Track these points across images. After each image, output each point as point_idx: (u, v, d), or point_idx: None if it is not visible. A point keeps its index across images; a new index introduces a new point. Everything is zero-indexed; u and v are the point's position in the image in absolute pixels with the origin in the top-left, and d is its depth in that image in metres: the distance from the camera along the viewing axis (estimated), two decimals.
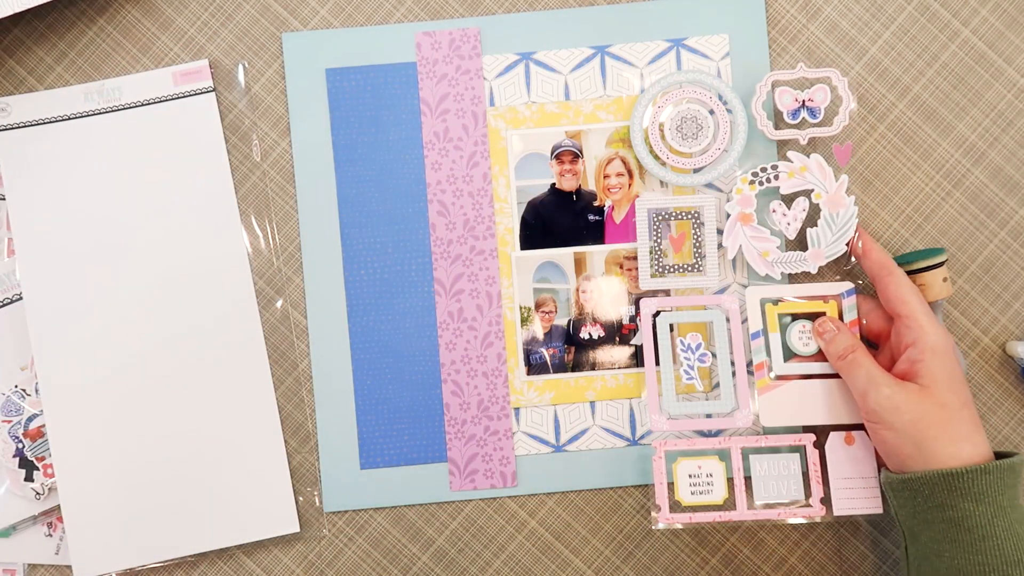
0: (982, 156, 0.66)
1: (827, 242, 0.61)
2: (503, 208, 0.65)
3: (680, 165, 0.63)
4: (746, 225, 0.61)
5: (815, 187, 0.61)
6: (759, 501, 0.62)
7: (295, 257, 0.66)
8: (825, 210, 0.61)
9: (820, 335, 0.61)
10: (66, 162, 0.65)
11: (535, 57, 0.66)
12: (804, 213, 0.62)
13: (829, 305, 0.61)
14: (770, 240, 0.62)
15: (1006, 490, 0.53)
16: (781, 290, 0.62)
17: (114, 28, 0.66)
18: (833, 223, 0.61)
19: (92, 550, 0.63)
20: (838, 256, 0.62)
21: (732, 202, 0.62)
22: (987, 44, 0.66)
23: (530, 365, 0.65)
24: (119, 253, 0.65)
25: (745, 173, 0.62)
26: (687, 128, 0.62)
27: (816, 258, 0.61)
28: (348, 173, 0.66)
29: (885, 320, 0.61)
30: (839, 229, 0.61)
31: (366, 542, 0.65)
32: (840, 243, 0.61)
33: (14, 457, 0.64)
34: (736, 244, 0.62)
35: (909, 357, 0.57)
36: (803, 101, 0.62)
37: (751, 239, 0.62)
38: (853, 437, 0.62)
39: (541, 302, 0.65)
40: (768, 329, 0.62)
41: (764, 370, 0.62)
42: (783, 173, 0.61)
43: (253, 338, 0.65)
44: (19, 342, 0.64)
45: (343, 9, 0.66)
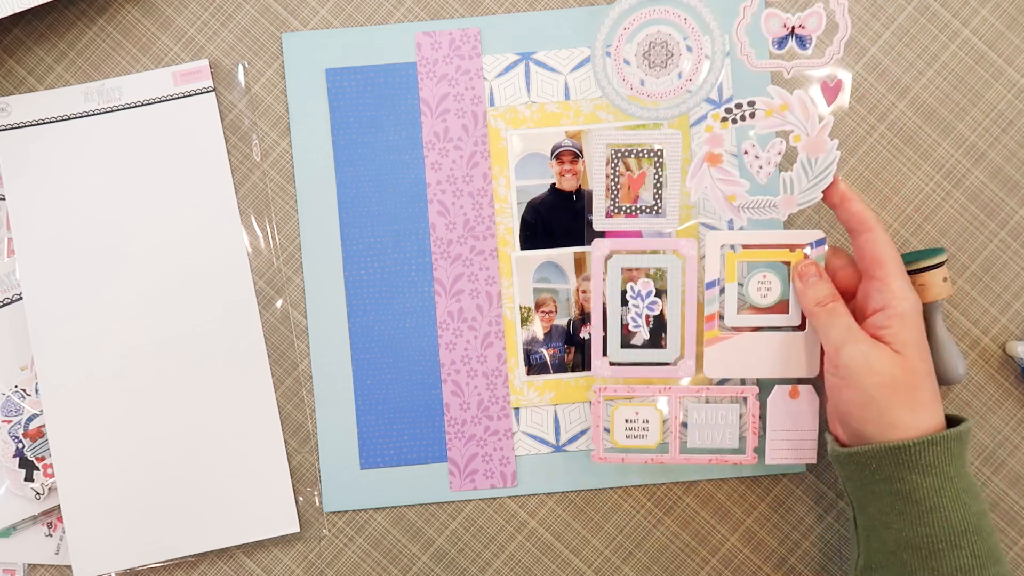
0: (982, 156, 0.66)
1: (801, 189, 0.55)
2: (503, 208, 0.65)
3: (644, 97, 0.56)
4: (714, 166, 0.56)
5: (795, 128, 0.55)
6: (693, 446, 0.61)
7: (295, 257, 0.66)
8: (803, 154, 0.55)
9: (801, 277, 0.57)
10: (66, 162, 0.65)
11: (535, 57, 0.66)
12: (779, 156, 0.56)
13: (795, 255, 0.57)
14: (739, 183, 0.56)
15: (953, 460, 0.52)
16: (743, 236, 0.58)
17: (114, 28, 0.66)
18: (810, 168, 0.55)
19: (92, 550, 0.63)
20: (811, 204, 0.57)
21: (700, 140, 0.56)
22: (987, 44, 0.66)
23: (530, 365, 0.65)
24: (119, 253, 0.65)
25: (717, 109, 0.56)
26: (655, 55, 0.55)
27: (787, 205, 0.56)
28: (348, 173, 0.66)
29: (855, 277, 0.58)
30: (816, 175, 0.55)
31: (366, 542, 0.65)
32: (816, 190, 0.56)
33: (14, 457, 0.64)
34: (701, 186, 0.57)
35: (877, 322, 0.54)
36: (792, 27, 0.54)
37: (718, 181, 0.56)
38: (798, 391, 0.59)
39: (541, 302, 0.65)
40: (725, 278, 0.58)
41: (715, 321, 0.58)
42: (760, 111, 0.55)
43: (253, 338, 0.65)
44: (19, 342, 0.64)
45: (343, 9, 0.66)
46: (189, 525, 0.64)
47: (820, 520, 0.66)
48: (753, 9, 0.54)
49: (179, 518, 0.64)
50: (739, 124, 0.55)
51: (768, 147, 0.56)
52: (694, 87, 0.56)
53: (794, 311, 0.58)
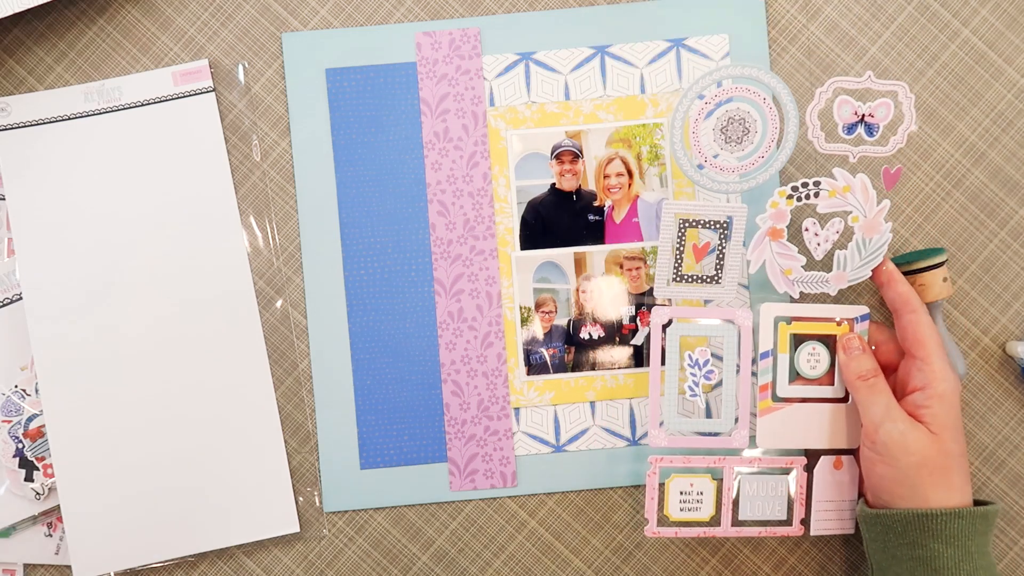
0: (982, 156, 0.66)
1: (853, 266, 0.58)
2: (503, 208, 0.65)
3: (715, 169, 0.58)
4: (775, 241, 0.58)
5: (854, 210, 0.58)
6: (744, 518, 0.62)
7: (295, 257, 0.66)
8: (859, 234, 0.58)
9: (845, 350, 0.59)
10: (66, 162, 0.65)
11: (535, 57, 0.66)
12: (837, 235, 0.59)
13: (841, 328, 0.60)
14: (796, 258, 0.59)
15: (976, 536, 0.54)
16: (794, 309, 0.60)
17: (114, 28, 0.66)
18: (864, 248, 0.58)
19: (92, 550, 0.63)
20: (860, 281, 0.59)
21: (765, 215, 0.58)
22: (987, 44, 0.66)
23: (530, 365, 0.65)
24: (119, 253, 0.65)
25: (785, 187, 0.58)
26: (732, 131, 0.57)
27: (839, 281, 0.59)
28: (348, 173, 0.66)
29: (896, 353, 0.60)
30: (868, 255, 0.58)
31: (366, 542, 0.65)
32: (866, 269, 0.58)
33: (14, 457, 0.64)
34: (761, 259, 0.59)
35: (917, 400, 0.56)
36: (863, 115, 0.57)
37: (777, 255, 0.58)
38: (842, 462, 0.61)
39: (541, 302, 0.65)
40: (778, 349, 0.60)
41: (768, 391, 0.60)
42: (825, 191, 0.57)
43: (253, 338, 0.65)
44: (19, 342, 0.64)
45: (343, 9, 0.66)
46: (189, 525, 0.64)
47: None
48: (828, 94, 0.57)
49: (179, 518, 0.64)
50: (803, 202, 0.58)
51: (828, 226, 0.59)
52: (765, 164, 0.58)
53: (839, 383, 0.60)
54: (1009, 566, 0.66)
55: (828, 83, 0.57)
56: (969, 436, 0.66)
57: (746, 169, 0.58)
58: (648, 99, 0.65)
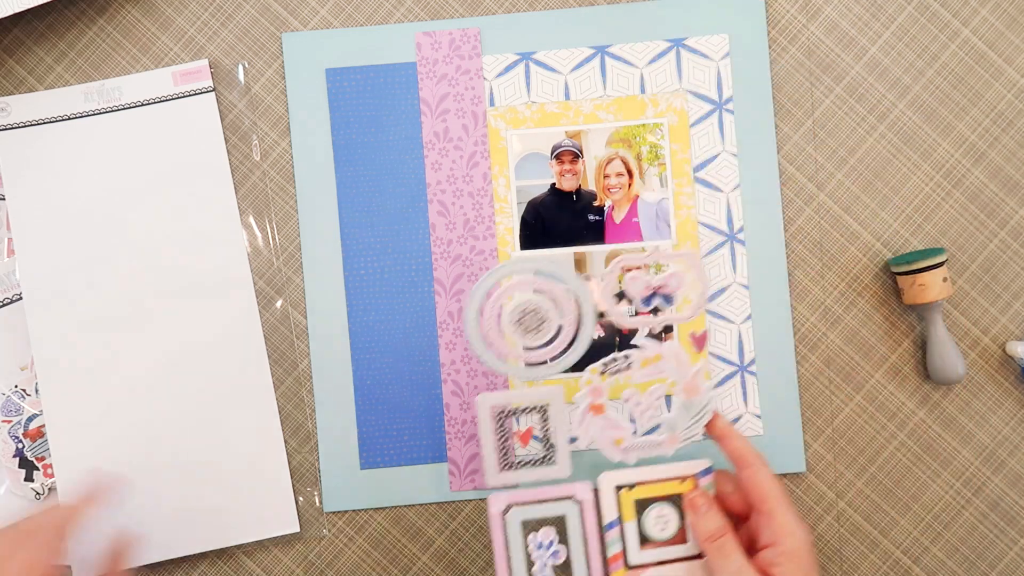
0: (982, 156, 0.66)
1: (683, 427, 0.58)
2: (503, 208, 0.65)
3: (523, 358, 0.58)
4: (598, 415, 0.58)
5: (670, 376, 0.58)
6: None
7: (295, 257, 0.66)
8: (681, 397, 0.58)
9: (692, 508, 0.57)
10: (66, 162, 0.65)
11: (535, 57, 0.66)
12: (659, 401, 0.58)
13: (686, 485, 0.58)
14: (623, 428, 0.58)
15: None
16: (635, 473, 0.59)
17: (114, 28, 0.66)
18: (689, 409, 0.58)
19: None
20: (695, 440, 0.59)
21: (582, 393, 0.58)
22: (987, 44, 0.66)
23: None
24: (119, 253, 0.65)
25: (596, 364, 0.57)
26: (529, 321, 0.57)
27: (672, 443, 0.58)
28: (348, 173, 0.66)
29: (745, 503, 0.57)
30: (695, 415, 0.58)
31: (366, 542, 0.65)
32: (697, 428, 0.58)
33: (14, 457, 0.64)
34: (589, 435, 0.58)
35: (767, 558, 0.54)
36: (656, 288, 0.58)
37: (604, 428, 0.58)
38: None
39: None
40: (624, 517, 0.58)
41: (619, 561, 0.58)
42: (636, 362, 0.58)
43: (253, 338, 0.65)
44: (19, 342, 0.64)
45: (343, 9, 0.66)
46: (189, 525, 0.64)
47: (820, 520, 0.66)
48: (616, 272, 0.57)
49: (179, 518, 0.64)
50: (617, 375, 0.58)
51: (648, 393, 0.59)
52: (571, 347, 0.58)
53: (692, 540, 0.58)
54: (1009, 566, 0.66)
55: (613, 263, 0.57)
56: (969, 436, 0.66)
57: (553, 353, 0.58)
58: (648, 99, 0.65)
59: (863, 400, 0.66)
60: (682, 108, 0.65)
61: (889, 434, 0.66)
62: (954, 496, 0.66)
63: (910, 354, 0.66)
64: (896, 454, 0.66)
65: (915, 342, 0.66)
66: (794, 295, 0.66)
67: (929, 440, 0.66)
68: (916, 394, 0.66)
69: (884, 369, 0.66)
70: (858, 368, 0.66)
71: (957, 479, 0.66)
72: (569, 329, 0.57)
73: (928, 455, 0.66)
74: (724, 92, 0.65)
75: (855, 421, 0.66)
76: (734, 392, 0.65)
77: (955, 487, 0.66)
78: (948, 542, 0.66)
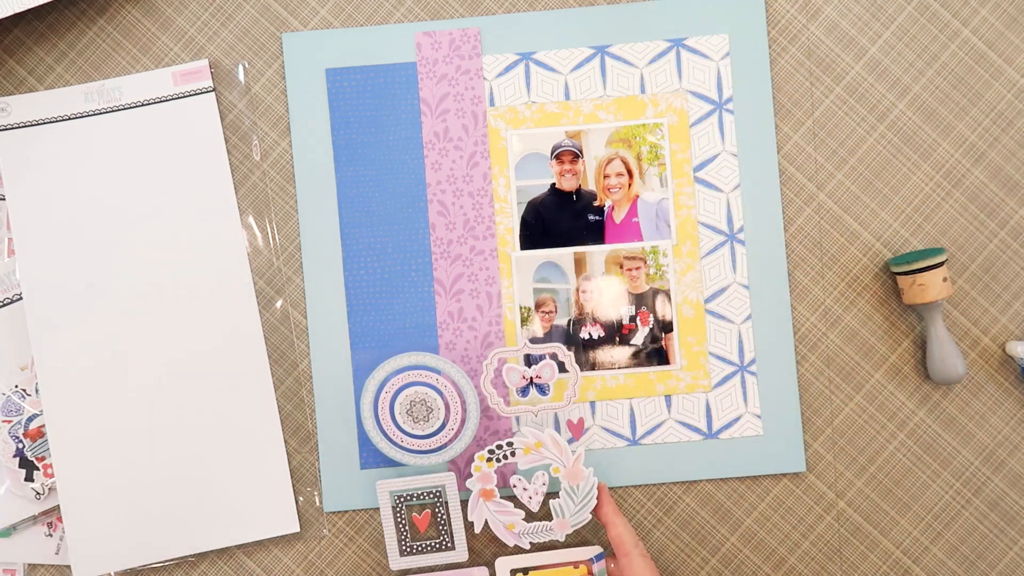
0: (982, 156, 0.66)
1: (571, 512, 0.61)
2: (503, 208, 0.65)
3: (415, 446, 0.62)
4: (489, 500, 0.61)
5: (553, 461, 0.61)
6: None
7: (295, 257, 0.66)
8: (565, 483, 0.61)
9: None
10: (66, 162, 0.65)
11: (535, 57, 0.66)
12: (545, 487, 0.61)
13: (580, 570, 0.61)
14: (514, 513, 0.61)
15: None
16: (530, 558, 0.62)
17: (114, 28, 0.66)
18: (575, 494, 0.61)
19: (92, 550, 0.63)
20: (584, 524, 0.62)
21: (473, 479, 0.61)
22: (987, 44, 0.66)
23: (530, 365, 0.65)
24: (119, 253, 0.65)
25: (483, 451, 0.61)
26: (417, 411, 0.61)
27: (562, 527, 0.61)
28: (348, 173, 0.66)
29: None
30: (581, 500, 0.61)
31: (366, 542, 0.65)
32: (584, 512, 0.61)
33: (14, 457, 0.64)
34: (482, 519, 0.61)
35: None
36: (531, 378, 0.62)
37: (496, 513, 0.61)
38: None
39: (541, 302, 0.65)
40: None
41: None
42: (519, 449, 0.61)
43: (253, 338, 0.65)
44: (19, 342, 0.64)
45: (343, 9, 0.66)
46: (189, 525, 0.64)
47: (820, 520, 0.66)
48: (495, 365, 0.61)
49: (179, 518, 0.64)
50: (503, 463, 0.61)
51: (533, 480, 0.62)
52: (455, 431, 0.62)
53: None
54: (1009, 566, 0.66)
55: (491, 355, 0.61)
56: (969, 436, 0.66)
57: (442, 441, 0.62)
58: (648, 99, 0.65)
59: (863, 400, 0.66)
60: (682, 108, 0.65)
61: (889, 434, 0.66)
62: (954, 496, 0.66)
63: (910, 354, 0.66)
64: (896, 454, 0.66)
65: (915, 342, 0.66)
66: (794, 295, 0.66)
67: (929, 440, 0.66)
68: (916, 394, 0.66)
69: (884, 369, 0.66)
70: (858, 368, 0.66)
71: (957, 479, 0.66)
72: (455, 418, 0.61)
73: (928, 455, 0.66)
74: (724, 92, 0.65)
75: (855, 421, 0.66)
76: (734, 392, 0.65)
77: (955, 487, 0.66)
78: (948, 542, 0.66)
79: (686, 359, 0.65)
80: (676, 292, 0.65)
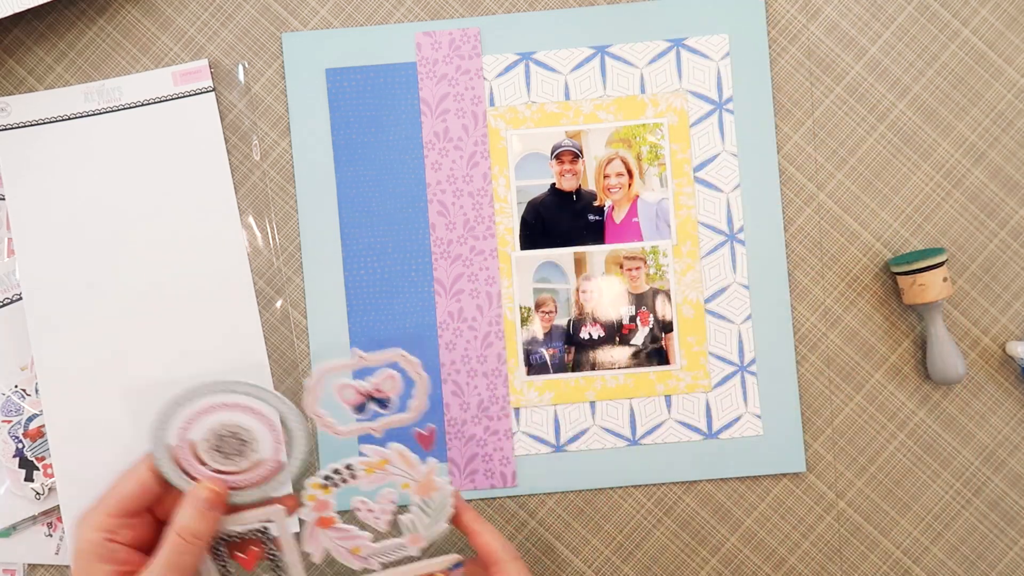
0: (982, 156, 0.66)
1: (424, 526, 0.56)
2: (503, 208, 0.65)
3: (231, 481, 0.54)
4: (327, 528, 0.55)
5: (401, 477, 0.55)
6: None
7: (295, 257, 0.66)
8: (416, 497, 0.56)
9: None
10: (66, 162, 0.65)
11: (535, 57, 0.66)
12: (393, 504, 0.56)
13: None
14: (360, 536, 0.56)
15: None
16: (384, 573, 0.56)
17: (114, 28, 0.66)
18: (427, 507, 0.56)
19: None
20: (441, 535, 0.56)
21: (306, 509, 0.55)
22: (987, 44, 0.66)
23: (530, 365, 0.65)
24: (119, 253, 0.65)
25: (315, 478, 0.55)
26: (228, 446, 0.53)
27: (416, 542, 0.56)
28: (348, 173, 0.66)
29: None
30: (435, 512, 0.56)
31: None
32: (440, 523, 0.56)
33: (14, 457, 0.64)
34: (320, 548, 0.56)
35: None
36: (369, 393, 0.55)
37: (336, 540, 0.56)
38: None
39: (541, 302, 0.65)
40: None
41: None
42: (361, 470, 0.55)
43: (253, 338, 0.65)
44: (19, 342, 0.64)
45: (343, 9, 0.66)
46: None
47: (820, 520, 0.66)
48: (321, 384, 0.54)
49: None
50: (342, 487, 0.55)
51: (379, 499, 0.56)
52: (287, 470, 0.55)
53: None
54: (1009, 566, 0.66)
55: (316, 372, 0.54)
56: (969, 436, 0.66)
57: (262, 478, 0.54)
58: (648, 99, 0.65)
59: (863, 400, 0.66)
60: (682, 108, 0.65)
61: (889, 434, 0.66)
62: (954, 496, 0.66)
63: (910, 354, 0.66)
64: (896, 454, 0.66)
65: (915, 342, 0.66)
66: (794, 295, 0.66)
67: (929, 440, 0.66)
68: (916, 394, 0.66)
69: (884, 369, 0.66)
70: (858, 368, 0.66)
71: (957, 479, 0.66)
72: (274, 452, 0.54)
73: (928, 455, 0.66)
74: (724, 92, 0.65)
75: (855, 421, 0.66)
76: (734, 392, 0.65)
77: (955, 487, 0.66)
78: (948, 542, 0.66)
79: (686, 359, 0.65)
80: (676, 292, 0.65)
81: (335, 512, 0.56)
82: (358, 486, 0.56)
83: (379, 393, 0.55)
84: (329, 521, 0.56)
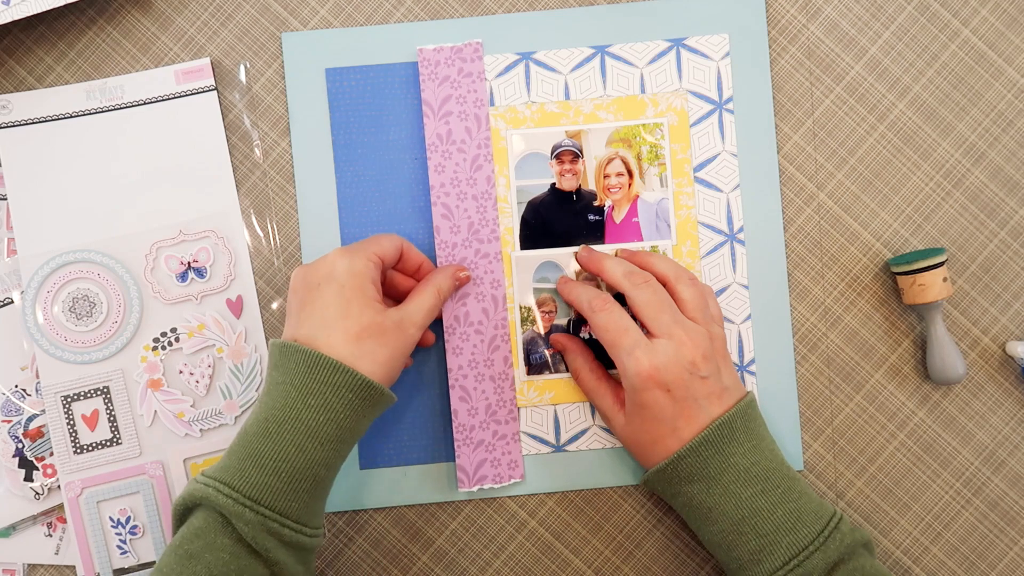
0: (982, 156, 0.66)
1: (238, 392, 0.63)
2: (503, 208, 0.65)
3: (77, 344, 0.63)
4: (157, 391, 0.62)
5: (215, 342, 0.63)
6: None
7: (295, 257, 0.66)
8: (229, 362, 0.63)
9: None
10: (67, 160, 0.65)
11: (535, 57, 0.66)
12: (211, 369, 0.63)
13: None
14: (182, 400, 0.63)
15: (709, 460, 0.56)
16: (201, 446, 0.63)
17: (114, 28, 0.66)
18: (240, 373, 0.63)
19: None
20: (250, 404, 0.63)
21: (140, 369, 0.62)
22: (987, 44, 0.66)
23: (530, 365, 0.65)
24: (119, 252, 0.65)
25: (147, 341, 0.63)
26: (80, 307, 0.62)
27: (231, 409, 0.63)
28: (348, 173, 0.66)
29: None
30: (247, 378, 0.63)
31: (366, 542, 0.65)
32: (249, 392, 0.63)
33: (14, 457, 0.64)
34: (151, 411, 0.63)
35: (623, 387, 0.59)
36: (188, 263, 0.63)
37: (164, 403, 0.63)
38: None
39: (541, 302, 0.65)
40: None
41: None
42: (183, 334, 0.63)
43: (253, 338, 0.65)
44: (19, 342, 0.64)
45: (343, 9, 0.66)
46: None
47: None
48: (154, 255, 0.63)
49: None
50: (168, 350, 0.63)
51: (198, 363, 0.63)
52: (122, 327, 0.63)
53: None
54: (1009, 566, 0.66)
55: (151, 245, 0.63)
56: (969, 436, 0.66)
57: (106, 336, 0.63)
58: (648, 99, 0.65)
59: (863, 400, 0.66)
60: (682, 108, 0.65)
61: (889, 434, 0.66)
62: (954, 496, 0.66)
63: (910, 354, 0.66)
64: (896, 454, 0.66)
65: (915, 342, 0.66)
66: (794, 295, 0.66)
67: (929, 440, 0.66)
68: (916, 394, 0.66)
69: (884, 369, 0.66)
70: (858, 368, 0.66)
71: (957, 479, 0.66)
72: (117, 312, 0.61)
73: (928, 455, 0.66)
74: (724, 92, 0.65)
75: (855, 421, 0.66)
76: None
77: (955, 487, 0.66)
78: (948, 542, 0.66)
79: None
80: None
81: (163, 376, 0.62)
82: (183, 348, 0.63)
83: (196, 263, 0.63)
84: (158, 383, 0.62)
